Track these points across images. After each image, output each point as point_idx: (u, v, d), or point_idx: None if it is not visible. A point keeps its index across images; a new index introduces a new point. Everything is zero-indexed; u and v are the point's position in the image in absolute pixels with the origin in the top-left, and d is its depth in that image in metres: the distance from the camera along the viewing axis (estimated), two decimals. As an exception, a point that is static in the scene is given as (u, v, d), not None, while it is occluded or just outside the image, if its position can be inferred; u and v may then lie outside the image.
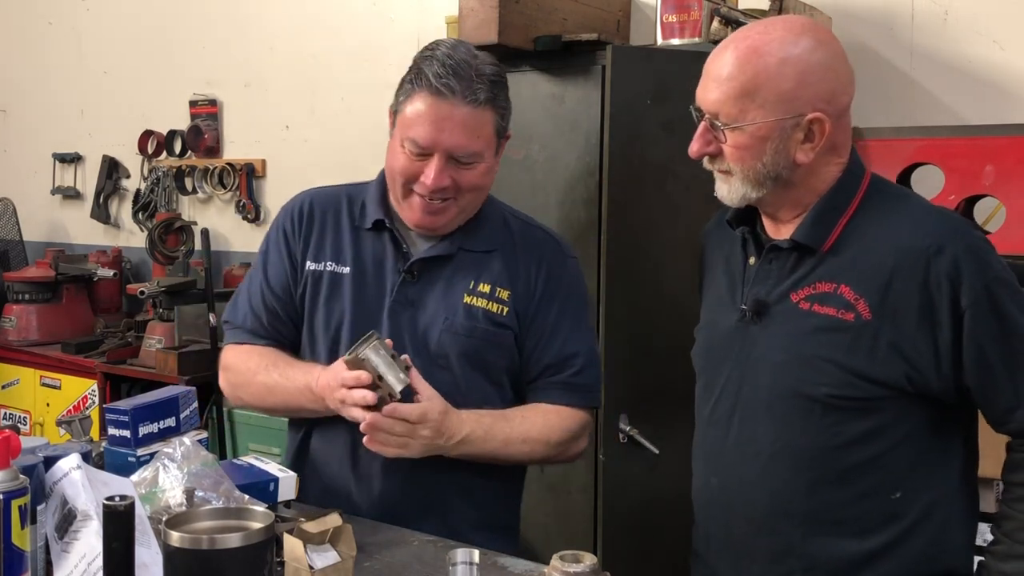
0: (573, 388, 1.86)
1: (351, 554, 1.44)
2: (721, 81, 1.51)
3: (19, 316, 4.31)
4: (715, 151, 1.56)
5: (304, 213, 1.90)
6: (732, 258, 1.67)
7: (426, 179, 1.73)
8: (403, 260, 1.83)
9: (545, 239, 1.91)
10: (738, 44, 1.52)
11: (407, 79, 1.77)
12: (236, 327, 1.92)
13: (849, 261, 1.52)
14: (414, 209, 1.79)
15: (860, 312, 1.48)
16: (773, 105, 1.49)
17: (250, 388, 1.88)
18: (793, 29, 1.52)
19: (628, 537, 2.56)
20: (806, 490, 1.53)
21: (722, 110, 1.52)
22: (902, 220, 1.53)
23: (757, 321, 1.58)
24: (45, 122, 5.19)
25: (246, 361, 1.89)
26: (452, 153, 1.73)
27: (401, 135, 1.75)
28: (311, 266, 1.87)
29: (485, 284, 1.82)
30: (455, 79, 1.70)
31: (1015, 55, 2.77)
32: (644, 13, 3.13)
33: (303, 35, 4.21)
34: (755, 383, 1.58)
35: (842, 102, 1.54)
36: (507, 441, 1.78)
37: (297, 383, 1.80)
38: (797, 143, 1.51)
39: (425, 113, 1.71)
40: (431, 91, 1.71)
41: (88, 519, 1.33)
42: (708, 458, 1.67)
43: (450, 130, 1.72)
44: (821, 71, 1.50)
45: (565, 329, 1.86)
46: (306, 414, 1.85)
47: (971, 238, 1.50)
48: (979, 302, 1.45)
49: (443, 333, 1.79)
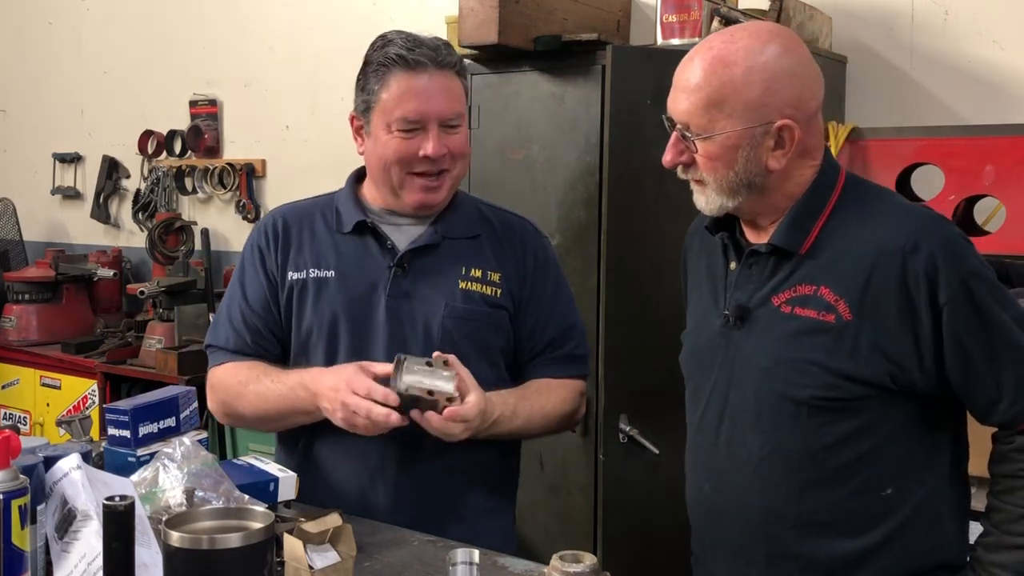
0: (573, 360, 1.93)
1: (351, 554, 1.44)
2: (689, 92, 1.52)
3: (19, 316, 4.31)
4: (688, 160, 1.57)
5: (278, 228, 1.91)
6: (714, 263, 1.68)
7: (426, 150, 1.77)
8: (390, 255, 1.84)
9: (522, 223, 1.98)
10: (704, 54, 1.53)
11: (371, 71, 1.81)
12: (219, 349, 1.91)
13: (828, 263, 1.52)
14: (414, 190, 1.82)
15: (841, 313, 1.49)
16: (741, 114, 1.50)
17: (243, 399, 1.85)
18: (759, 37, 1.52)
19: (628, 537, 2.57)
20: (798, 492, 1.54)
21: (692, 120, 1.53)
22: (878, 219, 1.53)
23: (740, 326, 1.59)
24: (45, 122, 5.19)
25: (235, 375, 1.87)
26: (442, 119, 1.78)
27: (386, 121, 1.78)
28: (293, 276, 1.87)
29: (476, 269, 1.86)
30: (424, 49, 1.78)
31: (1015, 55, 2.77)
32: (644, 13, 3.13)
33: (303, 35, 4.21)
34: (741, 388, 1.58)
35: (811, 107, 1.54)
36: (529, 418, 1.83)
37: (289, 382, 1.80)
38: (768, 150, 1.52)
39: (408, 88, 1.77)
40: (406, 67, 1.77)
41: (88, 519, 1.33)
42: (699, 464, 1.68)
43: (436, 97, 1.78)
44: (787, 78, 1.51)
45: (561, 304, 1.94)
46: (297, 419, 1.83)
47: (947, 234, 1.51)
48: (957, 297, 1.46)
49: (445, 320, 1.81)
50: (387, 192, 1.86)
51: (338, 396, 1.67)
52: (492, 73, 2.80)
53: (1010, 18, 2.78)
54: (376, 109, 1.80)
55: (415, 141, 1.78)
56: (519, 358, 1.92)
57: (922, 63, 2.90)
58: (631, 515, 2.56)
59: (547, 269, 1.94)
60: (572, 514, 2.69)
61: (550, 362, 1.91)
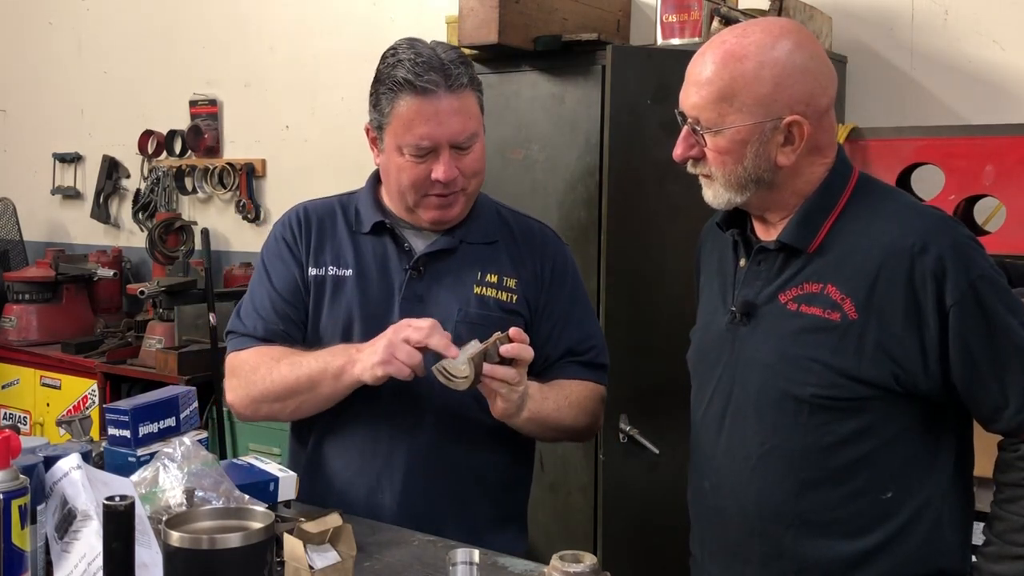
0: (594, 367, 1.91)
1: (351, 554, 1.44)
2: (700, 85, 1.52)
3: (19, 316, 4.32)
4: (698, 154, 1.57)
5: (302, 221, 1.91)
6: (724, 260, 1.68)
7: (438, 175, 1.75)
8: (407, 258, 1.84)
9: (541, 228, 1.97)
10: (716, 48, 1.53)
11: (382, 91, 1.77)
12: (243, 335, 1.86)
13: (835, 261, 1.52)
14: (429, 209, 1.81)
15: (846, 312, 1.49)
16: (751, 109, 1.50)
17: (275, 372, 1.78)
18: (771, 32, 1.52)
19: (628, 537, 2.57)
20: (797, 491, 1.53)
21: (702, 114, 1.53)
22: (888, 219, 1.53)
23: (746, 323, 1.58)
24: (45, 122, 5.19)
25: (268, 353, 1.81)
26: (454, 142, 1.76)
27: (397, 143, 1.77)
28: (313, 272, 1.87)
29: (492, 275, 1.85)
30: (432, 73, 1.73)
31: (1015, 55, 2.77)
32: (644, 13, 3.13)
33: (303, 35, 4.21)
34: (745, 385, 1.58)
35: (821, 104, 1.53)
36: (558, 405, 1.81)
37: (324, 351, 1.76)
38: (777, 146, 1.52)
39: (418, 114, 1.74)
40: (415, 92, 1.73)
41: (88, 519, 1.32)
42: (701, 461, 1.67)
43: (446, 122, 1.74)
44: (799, 74, 1.50)
45: (578, 314, 1.92)
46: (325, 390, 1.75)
47: (956, 236, 1.50)
48: (964, 300, 1.45)
49: (459, 324, 1.80)
50: (402, 209, 1.85)
51: (389, 333, 1.67)
52: (492, 73, 2.80)
53: (1010, 18, 2.78)
54: (388, 130, 1.78)
55: (426, 165, 1.76)
56: (535, 366, 1.86)
57: (922, 63, 2.90)
58: (631, 515, 2.56)
59: (565, 276, 1.92)
60: (572, 514, 2.69)
61: (570, 364, 1.89)
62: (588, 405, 1.88)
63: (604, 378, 1.94)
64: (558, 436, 1.92)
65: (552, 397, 1.80)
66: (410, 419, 1.80)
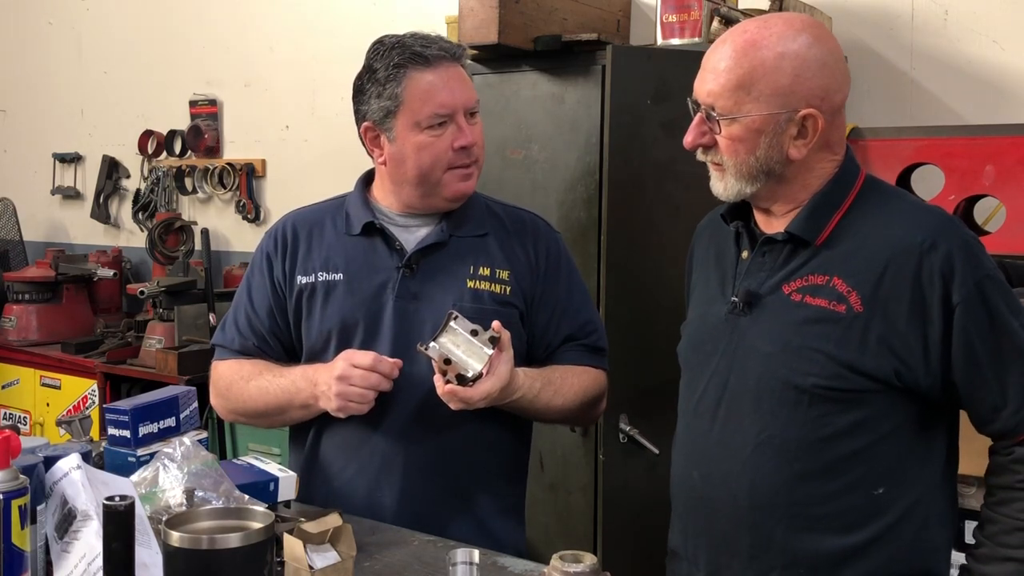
0: (594, 351, 1.94)
1: (351, 554, 1.44)
2: (718, 73, 1.53)
3: (19, 316, 4.32)
4: (709, 142, 1.57)
5: (286, 234, 1.92)
6: (724, 253, 1.68)
7: (462, 141, 1.79)
8: (399, 256, 1.85)
9: (532, 218, 1.97)
10: (736, 37, 1.53)
11: (384, 76, 1.79)
12: (221, 346, 1.96)
13: (843, 254, 1.53)
14: (453, 182, 1.82)
15: (852, 304, 1.49)
16: (768, 99, 1.50)
17: (245, 393, 1.87)
18: (792, 25, 1.53)
19: (628, 537, 2.56)
20: (789, 482, 1.53)
21: (718, 102, 1.53)
22: (896, 215, 1.54)
23: (747, 312, 1.59)
24: (45, 122, 5.19)
25: (238, 371, 1.90)
26: (467, 108, 1.81)
27: (414, 119, 1.78)
28: (301, 280, 1.88)
29: (484, 268, 1.85)
30: (435, 45, 1.80)
31: (1015, 55, 2.77)
32: (644, 13, 3.13)
33: (303, 35, 4.21)
34: (743, 374, 1.58)
35: (836, 100, 1.54)
36: (559, 389, 1.83)
37: (291, 376, 1.82)
38: (790, 138, 1.53)
39: (432, 84, 1.78)
40: (425, 64, 1.78)
41: (88, 519, 1.33)
42: (691, 451, 1.66)
43: (459, 88, 1.80)
44: (817, 67, 1.51)
45: (576, 301, 1.93)
46: (295, 414, 1.84)
47: (964, 235, 1.51)
48: (970, 298, 1.46)
49: None
50: (418, 194, 1.85)
51: (334, 371, 1.71)
52: (492, 73, 2.80)
53: (1010, 18, 2.78)
54: (401, 111, 1.79)
55: (445, 136, 1.79)
56: (535, 356, 1.90)
57: (922, 63, 2.90)
58: (631, 515, 2.56)
59: (559, 264, 1.93)
60: (572, 514, 2.68)
61: (571, 350, 1.91)
62: (591, 391, 1.90)
63: (605, 361, 1.96)
64: (558, 420, 1.94)
65: (556, 379, 1.82)
66: (408, 417, 1.80)
